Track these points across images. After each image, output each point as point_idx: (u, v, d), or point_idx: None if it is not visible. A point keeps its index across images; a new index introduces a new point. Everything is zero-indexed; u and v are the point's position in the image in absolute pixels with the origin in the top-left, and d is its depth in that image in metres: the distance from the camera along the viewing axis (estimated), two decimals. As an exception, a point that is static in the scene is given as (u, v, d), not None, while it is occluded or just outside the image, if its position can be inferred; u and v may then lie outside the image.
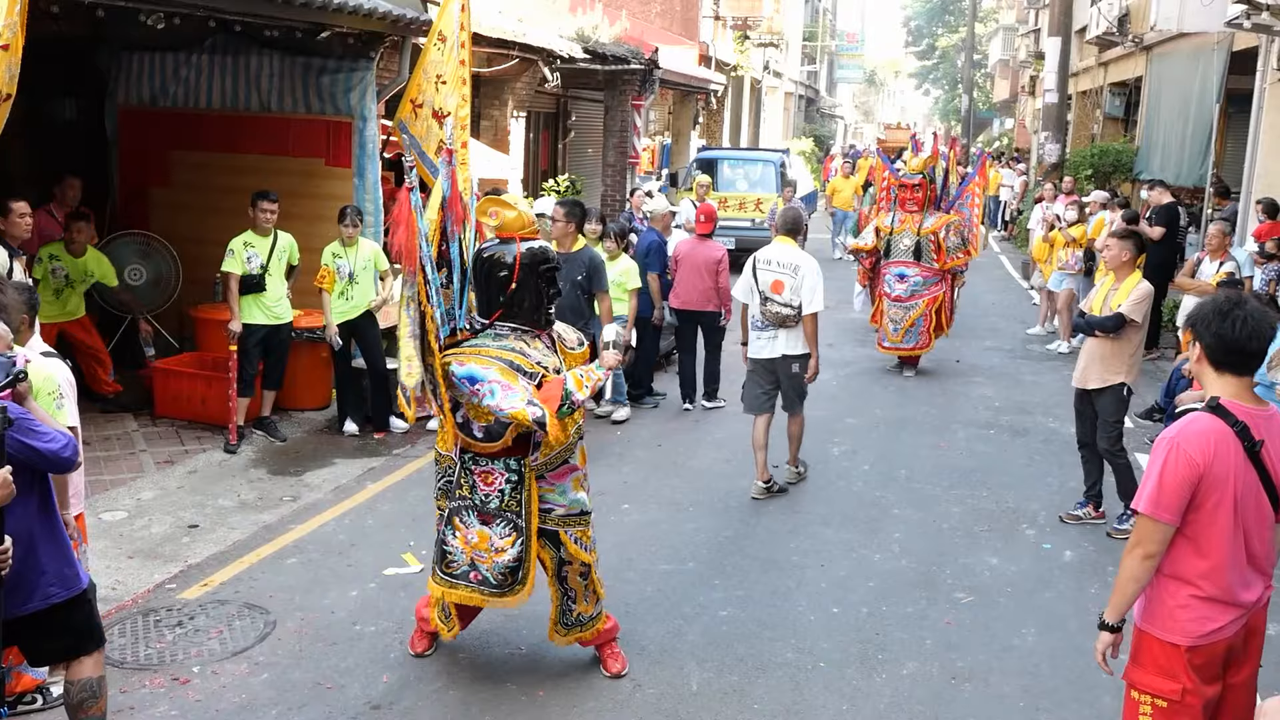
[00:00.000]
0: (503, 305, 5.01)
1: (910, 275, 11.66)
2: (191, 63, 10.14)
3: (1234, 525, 3.49)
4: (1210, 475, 3.46)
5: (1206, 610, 3.53)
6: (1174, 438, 3.54)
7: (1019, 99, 43.28)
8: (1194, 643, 3.53)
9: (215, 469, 8.15)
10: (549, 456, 4.98)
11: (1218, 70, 15.43)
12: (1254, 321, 3.48)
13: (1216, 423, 3.50)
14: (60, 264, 8.63)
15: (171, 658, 5.37)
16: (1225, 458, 3.46)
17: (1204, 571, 3.53)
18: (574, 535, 5.12)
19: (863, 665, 5.47)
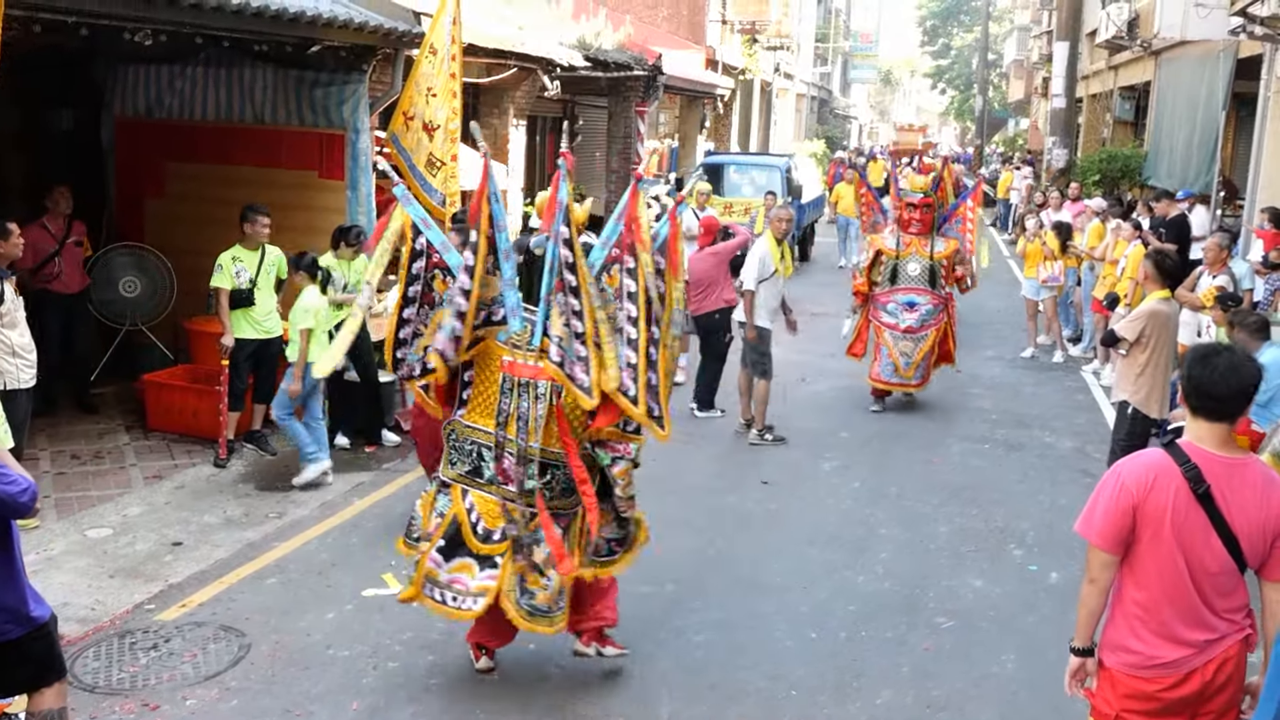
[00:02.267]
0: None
1: (921, 304, 10.67)
2: (186, 74, 10.16)
3: (1172, 562, 3.51)
4: (1145, 508, 3.51)
5: (1146, 642, 3.59)
6: (1118, 467, 3.67)
7: (1033, 99, 43.07)
8: (1129, 671, 3.61)
9: (204, 484, 8.15)
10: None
11: (1224, 76, 15.32)
12: (1225, 369, 3.50)
13: (1164, 459, 3.55)
14: None
15: (144, 682, 5.37)
16: (1162, 494, 3.49)
17: (1141, 603, 3.60)
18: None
19: (837, 693, 5.43)
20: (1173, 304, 7.63)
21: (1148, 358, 7.27)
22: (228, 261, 8.48)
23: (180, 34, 7.95)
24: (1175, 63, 18.73)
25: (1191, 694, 3.55)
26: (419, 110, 9.69)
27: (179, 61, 10.08)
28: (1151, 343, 7.24)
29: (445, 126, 9.62)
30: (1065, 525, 7.79)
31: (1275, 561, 3.53)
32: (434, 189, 9.88)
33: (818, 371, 12.21)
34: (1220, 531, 3.47)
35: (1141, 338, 7.24)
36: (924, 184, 11.09)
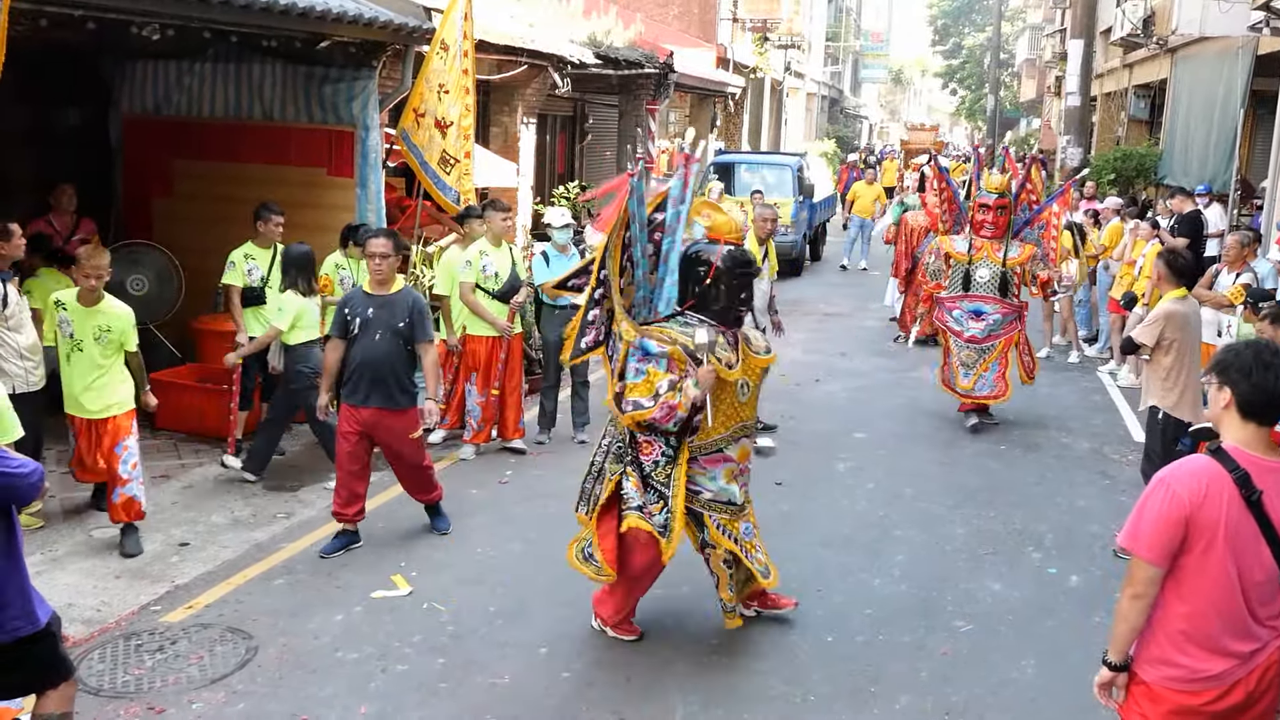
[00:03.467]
0: (695, 297, 5.47)
1: (989, 313, 9.94)
2: (194, 71, 10.09)
3: (1224, 573, 3.37)
4: (1198, 518, 3.36)
5: (1192, 656, 3.45)
6: (1165, 476, 3.48)
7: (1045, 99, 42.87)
8: (1174, 686, 3.47)
9: (211, 484, 8.07)
10: (704, 441, 5.44)
11: (1242, 73, 15.17)
12: None
13: (1213, 466, 3.41)
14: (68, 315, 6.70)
15: (150, 685, 5.28)
16: (1216, 502, 3.35)
17: (1187, 616, 3.45)
18: (717, 521, 5.56)
19: (854, 698, 5.32)
20: (1190, 302, 7.45)
21: (1172, 360, 7.09)
22: (240, 259, 8.40)
23: (188, 29, 7.87)
24: (1192, 60, 18.57)
25: (1236, 704, 3.43)
26: (430, 107, 9.61)
27: (187, 58, 10.00)
28: (1174, 345, 7.06)
29: (459, 123, 9.54)
30: (1084, 528, 7.70)
31: None
32: (448, 186, 9.80)
33: (830, 372, 12.10)
34: (1269, 539, 3.36)
35: (1161, 341, 7.07)
36: (1001, 184, 10.10)
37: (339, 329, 6.88)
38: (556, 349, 9.31)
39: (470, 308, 8.66)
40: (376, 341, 6.73)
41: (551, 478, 8.44)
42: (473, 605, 6.18)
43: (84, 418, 6.76)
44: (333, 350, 6.92)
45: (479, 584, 6.48)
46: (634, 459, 5.47)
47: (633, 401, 5.24)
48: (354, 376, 6.78)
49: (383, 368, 6.74)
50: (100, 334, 6.60)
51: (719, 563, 5.68)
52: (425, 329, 6.93)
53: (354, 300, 6.92)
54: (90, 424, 6.76)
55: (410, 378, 6.95)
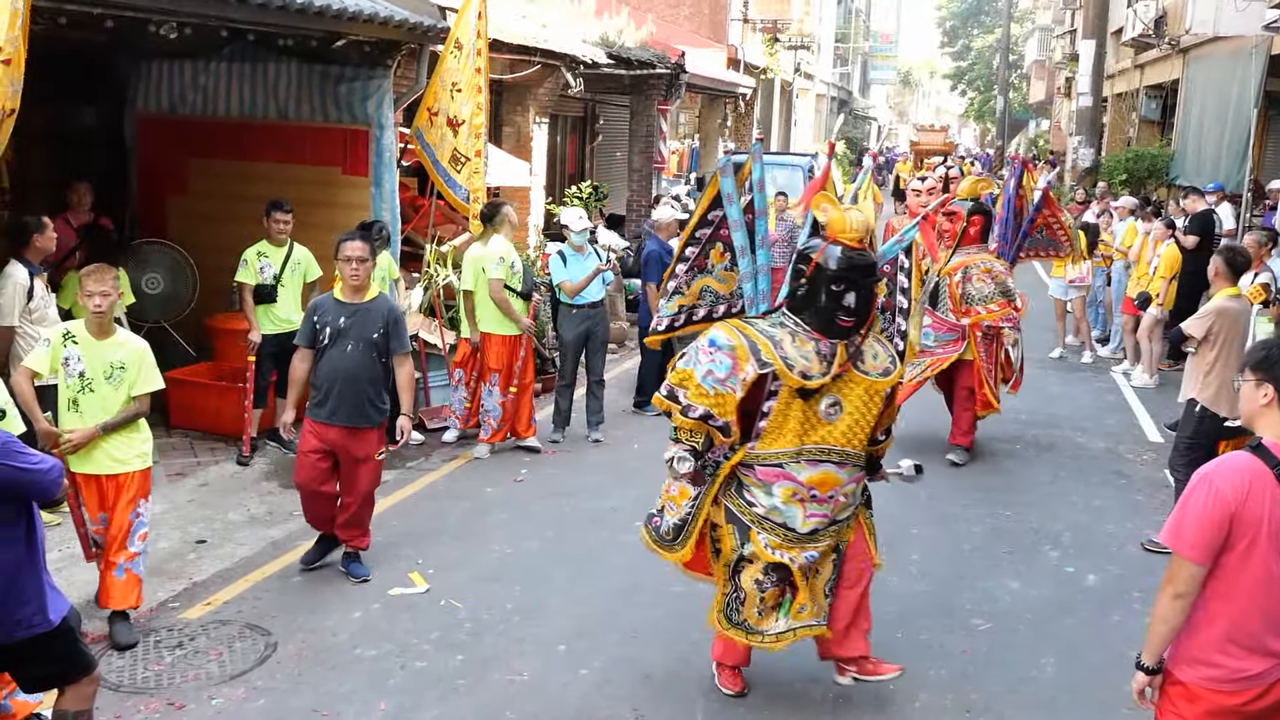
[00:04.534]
0: (788, 296, 5.01)
1: (927, 324, 8.78)
2: (210, 70, 10.09)
3: (1267, 570, 3.35)
4: (1242, 515, 3.33)
5: (1233, 655, 3.41)
6: (1209, 473, 3.44)
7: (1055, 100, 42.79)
8: (1213, 686, 3.43)
9: (227, 482, 8.08)
10: (763, 450, 4.87)
11: (1256, 73, 15.12)
12: None
13: (1255, 462, 3.38)
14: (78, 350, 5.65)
15: (169, 681, 5.29)
16: (1260, 498, 3.33)
17: (1228, 615, 3.41)
18: (765, 540, 4.92)
19: (874, 696, 5.31)
20: (1243, 301, 7.54)
21: (1216, 354, 7.12)
22: (253, 257, 8.42)
23: (205, 27, 7.88)
24: (1204, 60, 18.52)
25: (1275, 704, 3.41)
26: (443, 106, 9.62)
27: (202, 57, 10.01)
28: (1220, 340, 7.11)
29: (470, 122, 9.54)
30: (1100, 526, 7.68)
31: None
32: (458, 184, 9.80)
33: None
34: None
35: (1210, 335, 7.12)
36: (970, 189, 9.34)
37: (307, 338, 6.38)
38: (573, 348, 9.34)
39: (500, 305, 8.65)
40: (348, 353, 6.25)
41: (567, 476, 8.45)
42: (490, 603, 6.18)
43: (89, 474, 5.61)
44: (300, 362, 6.42)
45: (496, 581, 6.48)
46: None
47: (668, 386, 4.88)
48: (322, 390, 6.29)
49: (354, 381, 6.25)
50: (113, 372, 5.56)
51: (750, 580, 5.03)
52: (402, 340, 6.50)
53: (324, 308, 6.38)
54: (98, 482, 5.64)
55: (382, 393, 6.46)
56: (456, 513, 7.62)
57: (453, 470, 8.57)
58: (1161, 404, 11.05)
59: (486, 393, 8.84)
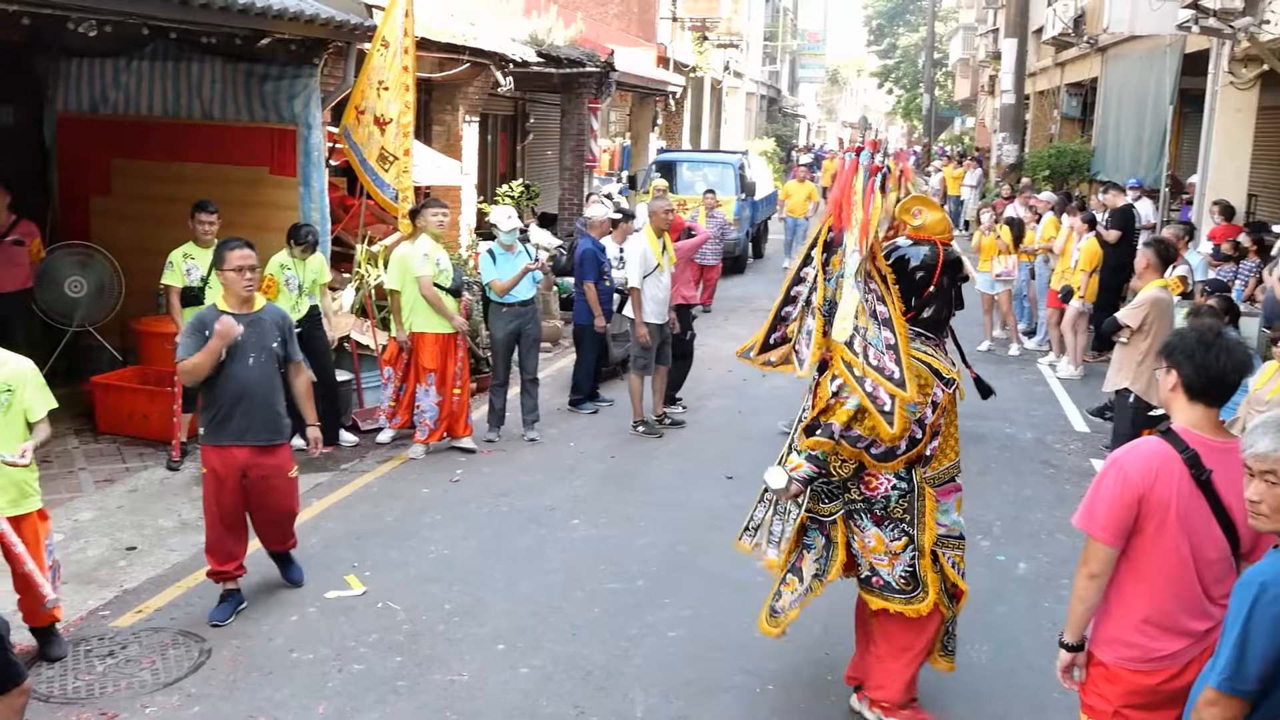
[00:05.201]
0: (914, 308, 4.79)
1: None
2: (132, 69, 9.91)
3: (1176, 551, 3.44)
4: (1150, 498, 3.44)
5: (1148, 635, 3.51)
6: (1118, 457, 3.57)
7: (979, 98, 43.46)
8: (1129, 665, 3.54)
9: (157, 487, 7.95)
10: (936, 471, 4.78)
11: (1171, 71, 15.49)
12: (1235, 354, 3.47)
13: (1164, 447, 3.48)
14: None
15: (101, 690, 5.19)
16: (1167, 482, 3.43)
17: (1142, 595, 3.52)
18: (951, 559, 4.84)
19: (812, 686, 5.37)
20: (1169, 291, 7.74)
21: (1149, 345, 7.30)
22: (179, 258, 8.29)
23: (126, 25, 7.73)
24: (1122, 59, 18.94)
25: (1190, 683, 3.50)
26: (370, 104, 9.54)
27: (124, 55, 9.83)
28: (1153, 330, 7.30)
29: (398, 121, 9.46)
30: (1030, 515, 7.83)
31: (1263, 544, 3.51)
32: (386, 184, 9.72)
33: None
34: (1220, 518, 3.43)
35: (1144, 325, 7.30)
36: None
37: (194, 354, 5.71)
38: (504, 346, 9.30)
39: (431, 302, 8.60)
40: (250, 367, 5.79)
41: (504, 475, 8.43)
42: (428, 603, 6.15)
43: None
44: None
45: (434, 582, 6.45)
46: (863, 499, 4.77)
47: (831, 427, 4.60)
48: (224, 409, 5.76)
49: (260, 397, 5.82)
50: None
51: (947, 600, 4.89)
52: (296, 348, 6.15)
53: (209, 321, 5.74)
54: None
55: (285, 406, 6.07)
56: (392, 514, 7.56)
57: (388, 471, 8.50)
58: (1086, 394, 11.29)
59: (422, 392, 8.78)
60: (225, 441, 5.78)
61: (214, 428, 5.80)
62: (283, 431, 6.01)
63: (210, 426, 5.81)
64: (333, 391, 8.99)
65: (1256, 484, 3.10)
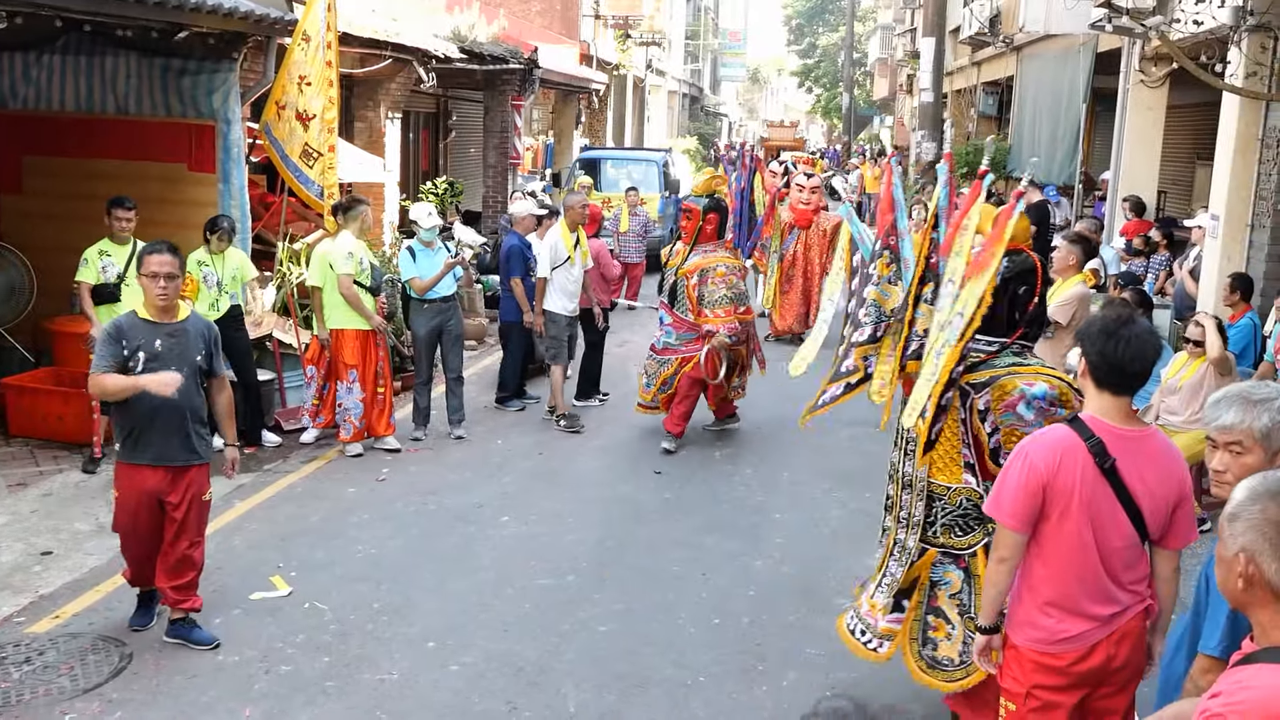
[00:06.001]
0: (1023, 323, 4.59)
1: (665, 323, 9.15)
2: (42, 63, 9.65)
3: (1079, 537, 3.53)
4: (1054, 485, 3.51)
5: (1051, 618, 3.60)
6: (1025, 446, 3.64)
7: (897, 97, 44.07)
8: (1037, 647, 3.63)
9: (72, 490, 7.75)
10: None
11: (1084, 70, 15.83)
12: (1138, 343, 3.48)
13: (1069, 435, 3.55)
14: None
15: (18, 698, 5.05)
16: (1071, 470, 3.50)
17: (1047, 579, 3.61)
18: None
19: (743, 677, 5.41)
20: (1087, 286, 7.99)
21: (1074, 339, 7.48)
22: (94, 255, 8.09)
23: (38, 16, 7.54)
24: (1036, 58, 19.31)
25: (1097, 666, 3.59)
26: (291, 99, 9.41)
27: (34, 49, 9.57)
28: (1076, 324, 7.46)
29: (322, 116, 9.35)
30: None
31: (1173, 532, 3.60)
32: (310, 180, 9.60)
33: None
34: (1125, 505, 3.50)
35: (1073, 320, 7.45)
36: (704, 185, 9.24)
37: (113, 366, 5.25)
38: (425, 343, 9.22)
39: (350, 300, 8.50)
40: None
41: (431, 474, 8.36)
42: (356, 603, 6.08)
43: None
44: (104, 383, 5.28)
45: (362, 581, 6.38)
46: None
47: None
48: (139, 427, 5.36)
49: (180, 413, 5.37)
50: None
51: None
52: (221, 362, 5.72)
53: (132, 331, 5.33)
54: None
55: (207, 423, 5.69)
56: (318, 514, 7.47)
57: (313, 471, 8.39)
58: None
59: (345, 390, 8.67)
60: (140, 461, 5.40)
61: (127, 446, 5.42)
62: (199, 451, 5.53)
63: (125, 444, 5.44)
64: (254, 392, 8.86)
65: (1221, 455, 3.22)
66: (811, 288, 13.42)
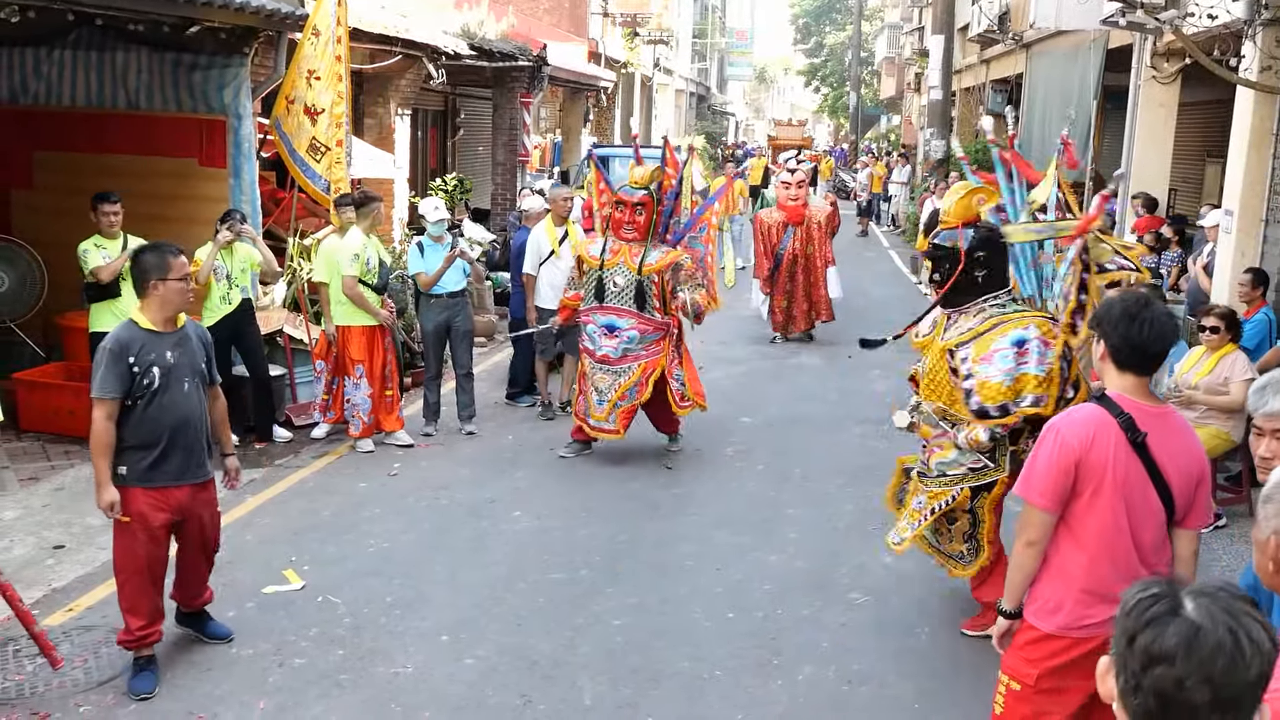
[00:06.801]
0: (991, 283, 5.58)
1: (624, 328, 8.34)
2: (54, 58, 9.66)
3: (1114, 517, 3.50)
4: (1087, 462, 3.48)
5: (1080, 602, 3.56)
6: (1055, 423, 3.62)
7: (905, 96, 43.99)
8: (1060, 632, 3.58)
9: (84, 485, 7.72)
10: None
11: (1095, 67, 15.77)
12: (1160, 325, 3.51)
13: (1099, 412, 3.53)
14: None
15: (32, 690, 5.05)
16: (1104, 446, 3.48)
17: (1080, 562, 3.57)
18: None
19: (758, 671, 5.39)
20: None
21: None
22: (91, 248, 8.03)
23: (49, 11, 7.53)
24: (1046, 55, 19.24)
25: None
26: (300, 94, 9.41)
27: (45, 44, 9.58)
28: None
29: (330, 111, 9.35)
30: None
31: (1195, 510, 3.59)
32: (317, 174, 9.60)
33: (712, 360, 12.20)
34: (1156, 482, 3.48)
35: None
36: (647, 176, 8.47)
37: (122, 388, 4.89)
38: (433, 339, 9.18)
39: (355, 301, 8.48)
40: (187, 393, 5.05)
41: (442, 469, 8.35)
42: (370, 597, 6.07)
43: None
44: (108, 420, 4.91)
45: (375, 575, 6.36)
46: None
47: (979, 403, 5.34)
48: (158, 445, 4.98)
49: (197, 426, 5.12)
50: None
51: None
52: (216, 369, 5.46)
53: (138, 344, 4.94)
54: None
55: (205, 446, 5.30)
56: (330, 508, 7.46)
57: (324, 466, 8.38)
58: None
59: (352, 386, 8.66)
60: (162, 482, 5.01)
61: (146, 468, 4.97)
62: (208, 465, 5.28)
63: (141, 466, 4.97)
64: (265, 387, 8.85)
65: (1269, 441, 3.24)
66: (815, 283, 13.35)
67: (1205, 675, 1.66)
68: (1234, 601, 1.74)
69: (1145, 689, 1.71)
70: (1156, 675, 1.70)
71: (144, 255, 5.07)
